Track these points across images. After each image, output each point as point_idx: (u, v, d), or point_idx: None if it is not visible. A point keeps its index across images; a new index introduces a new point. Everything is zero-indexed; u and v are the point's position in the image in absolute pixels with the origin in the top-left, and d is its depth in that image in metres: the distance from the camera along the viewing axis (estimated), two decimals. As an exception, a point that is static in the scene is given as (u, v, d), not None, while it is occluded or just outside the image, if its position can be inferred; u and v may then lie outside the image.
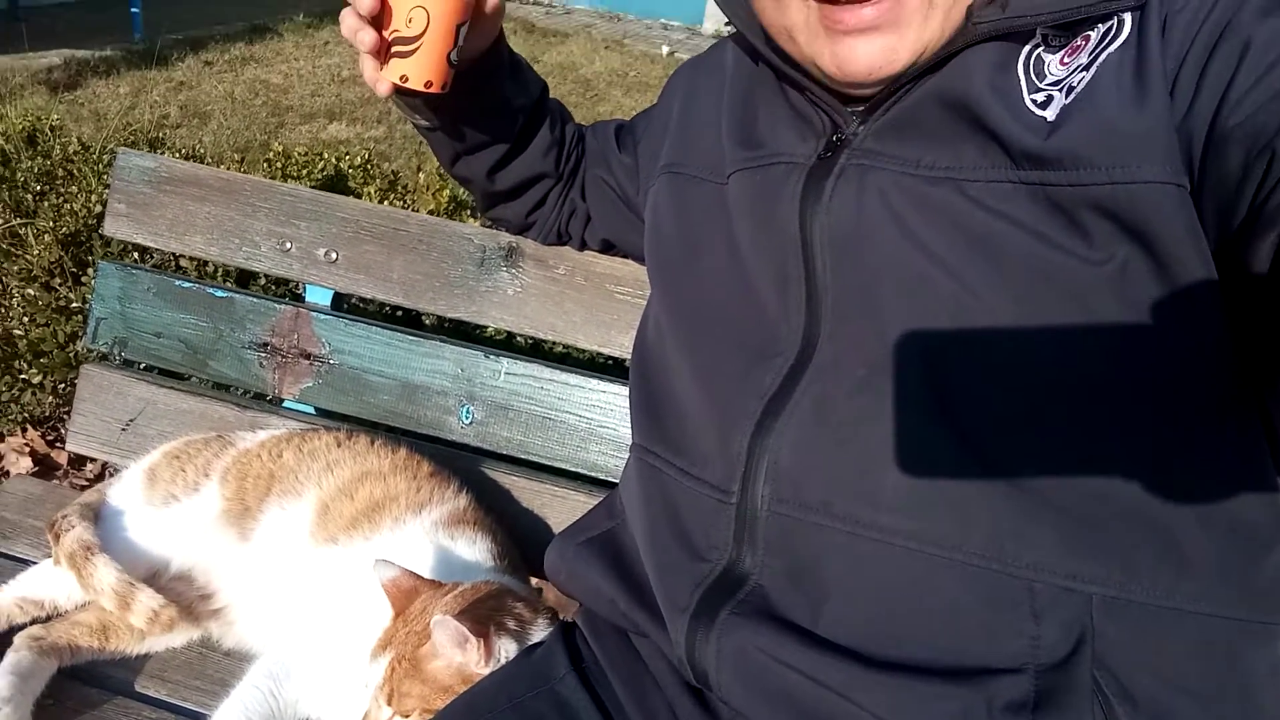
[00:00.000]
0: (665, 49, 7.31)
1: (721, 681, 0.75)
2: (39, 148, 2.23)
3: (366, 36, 0.86)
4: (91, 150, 2.19)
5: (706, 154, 0.93)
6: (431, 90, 0.89)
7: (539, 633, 0.95)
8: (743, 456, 0.77)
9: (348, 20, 0.88)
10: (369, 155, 2.29)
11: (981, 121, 0.72)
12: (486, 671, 0.88)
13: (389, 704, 0.90)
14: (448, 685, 0.88)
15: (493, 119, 1.04)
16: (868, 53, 0.74)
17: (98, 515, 1.12)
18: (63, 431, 1.96)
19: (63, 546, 1.05)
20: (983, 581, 0.67)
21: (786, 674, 0.71)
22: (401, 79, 0.88)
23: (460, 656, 0.88)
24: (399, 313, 1.86)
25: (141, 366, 1.47)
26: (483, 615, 0.91)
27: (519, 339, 1.75)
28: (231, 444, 1.18)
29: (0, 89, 3.98)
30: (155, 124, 3.21)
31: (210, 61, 5.29)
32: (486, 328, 1.79)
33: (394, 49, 0.87)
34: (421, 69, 0.87)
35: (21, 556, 1.20)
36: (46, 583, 1.09)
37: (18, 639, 1.01)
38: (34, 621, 1.06)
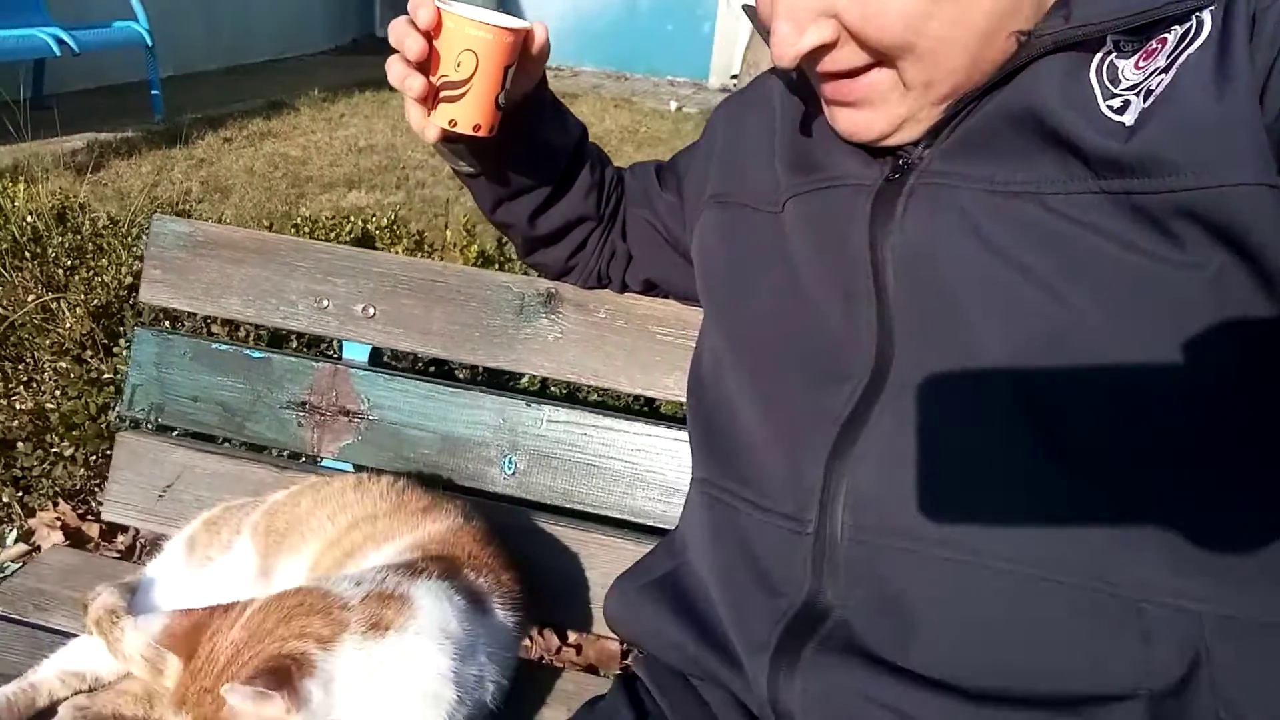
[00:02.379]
0: (673, 104, 7.39)
1: None
2: (68, 224, 2.26)
3: (415, 83, 0.85)
4: (120, 224, 2.22)
5: (758, 182, 0.91)
6: (479, 134, 0.88)
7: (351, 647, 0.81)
8: (818, 484, 0.75)
9: (395, 67, 0.86)
10: (395, 217, 2.31)
11: (1056, 133, 0.69)
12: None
13: None
14: None
15: (536, 162, 1.03)
16: (849, 120, 0.80)
17: (135, 589, 1.09)
18: (93, 504, 1.94)
19: (90, 614, 1.02)
20: (1085, 603, 0.64)
21: (878, 713, 0.67)
22: (450, 123, 0.87)
23: (271, 712, 0.76)
24: (431, 368, 1.85)
25: (176, 433, 1.45)
26: (276, 655, 0.79)
27: (556, 389, 1.73)
28: (264, 501, 1.16)
29: (28, 173, 4.05)
30: (179, 199, 3.25)
31: (229, 138, 5.39)
32: (523, 377, 1.78)
33: (442, 94, 0.86)
34: (470, 113, 0.86)
35: (60, 629, 1.17)
36: (87, 654, 1.05)
37: (62, 709, 0.98)
38: (77, 694, 1.03)
